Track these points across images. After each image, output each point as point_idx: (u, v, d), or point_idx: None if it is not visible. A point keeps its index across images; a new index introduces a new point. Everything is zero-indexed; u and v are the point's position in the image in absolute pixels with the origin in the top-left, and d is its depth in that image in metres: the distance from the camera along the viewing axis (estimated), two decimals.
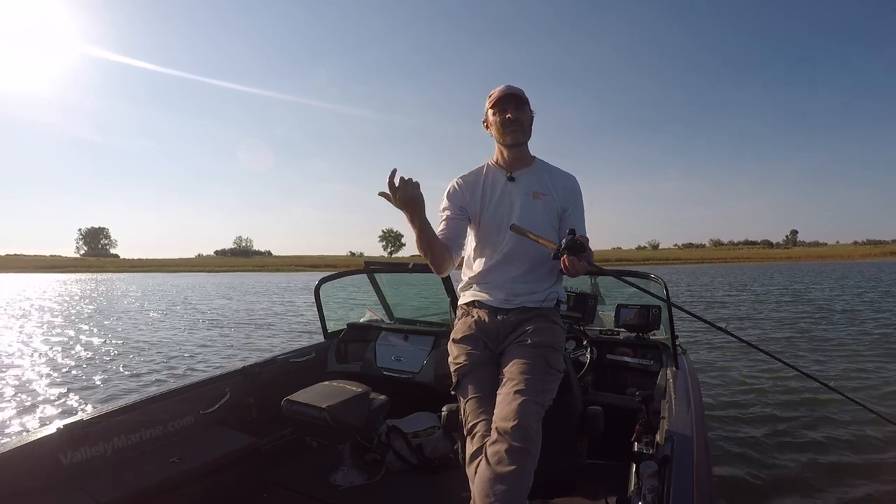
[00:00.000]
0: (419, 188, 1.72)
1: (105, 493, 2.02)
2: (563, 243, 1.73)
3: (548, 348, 1.85)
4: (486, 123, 2.06)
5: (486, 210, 2.03)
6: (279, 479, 2.65)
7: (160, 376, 6.88)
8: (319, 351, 3.45)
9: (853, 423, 4.33)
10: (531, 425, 1.61)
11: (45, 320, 14.10)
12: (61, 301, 21.26)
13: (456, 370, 1.92)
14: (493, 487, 1.50)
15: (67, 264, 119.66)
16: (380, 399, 2.67)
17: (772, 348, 7.95)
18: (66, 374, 7.05)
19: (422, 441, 2.78)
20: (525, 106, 2.00)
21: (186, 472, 2.24)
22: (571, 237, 1.72)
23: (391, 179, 1.68)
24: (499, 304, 1.96)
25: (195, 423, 2.64)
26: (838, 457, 3.75)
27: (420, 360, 3.07)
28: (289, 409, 2.55)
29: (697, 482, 1.57)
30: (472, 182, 2.07)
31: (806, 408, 4.82)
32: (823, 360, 7.16)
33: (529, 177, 2.03)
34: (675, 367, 2.69)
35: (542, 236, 1.83)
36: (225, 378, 2.89)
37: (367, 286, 4.00)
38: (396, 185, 1.69)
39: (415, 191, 1.71)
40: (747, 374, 6.12)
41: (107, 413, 2.35)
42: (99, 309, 17.46)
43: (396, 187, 1.69)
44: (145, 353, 8.53)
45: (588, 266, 1.75)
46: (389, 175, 1.68)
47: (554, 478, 2.00)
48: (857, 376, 6.13)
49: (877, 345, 8.04)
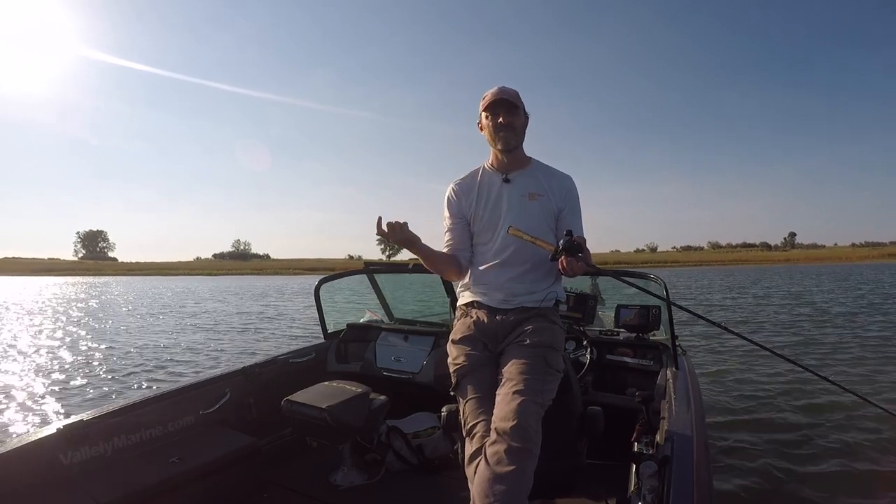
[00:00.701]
0: (407, 227, 1.88)
1: (105, 493, 2.01)
2: (561, 244, 1.75)
3: (547, 348, 1.85)
4: (480, 125, 2.07)
5: (482, 213, 2.04)
6: (279, 479, 2.65)
7: (139, 380, 6.84)
8: (319, 351, 3.45)
9: (854, 424, 4.33)
10: (530, 425, 1.61)
11: (34, 324, 14.01)
12: (53, 306, 21.10)
13: (455, 371, 1.92)
14: (492, 488, 1.50)
15: (65, 267, 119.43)
16: (380, 399, 2.67)
17: (772, 344, 7.94)
18: (45, 379, 6.99)
19: (422, 441, 2.78)
20: (518, 110, 2.00)
21: (186, 472, 2.24)
22: (569, 238, 1.74)
23: (379, 227, 1.84)
24: (497, 304, 1.97)
25: (195, 423, 2.63)
26: (838, 457, 3.75)
27: (420, 360, 3.08)
28: (289, 409, 2.55)
29: (697, 482, 1.57)
30: (467, 186, 2.10)
31: (806, 408, 4.83)
32: (822, 360, 7.15)
33: (525, 178, 2.04)
34: (674, 368, 2.69)
35: (539, 238, 1.84)
36: (225, 378, 2.89)
37: (364, 287, 4.00)
38: (385, 230, 1.85)
39: (404, 233, 1.87)
40: (747, 375, 6.13)
41: (107, 413, 2.35)
42: (90, 313, 17.35)
43: (387, 233, 1.85)
44: (129, 360, 8.37)
45: (586, 267, 1.77)
46: (377, 223, 1.84)
47: (554, 478, 2.01)
48: (860, 377, 6.11)
49: (880, 348, 7.95)
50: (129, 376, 7.06)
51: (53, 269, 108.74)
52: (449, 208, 2.11)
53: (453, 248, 2.07)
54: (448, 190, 2.14)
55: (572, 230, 1.90)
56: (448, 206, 2.11)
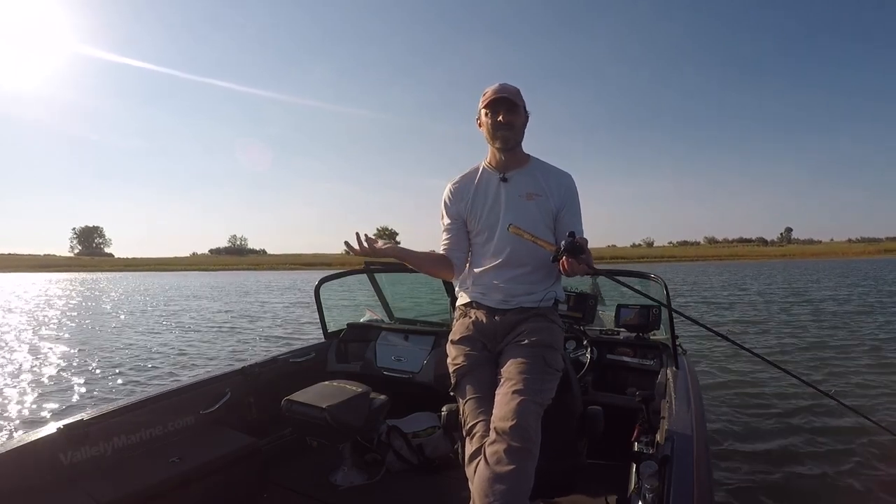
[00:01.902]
0: (374, 242, 1.92)
1: (105, 493, 2.01)
2: (563, 245, 1.73)
3: (546, 348, 1.85)
4: (479, 122, 2.04)
5: (480, 212, 2.03)
6: (279, 479, 2.66)
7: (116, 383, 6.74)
8: (319, 351, 3.44)
9: (854, 425, 4.32)
10: (530, 425, 1.61)
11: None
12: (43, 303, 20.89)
13: (454, 371, 1.92)
14: (492, 487, 1.50)
15: (61, 263, 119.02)
16: (380, 399, 2.67)
17: (771, 348, 7.95)
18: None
19: (422, 441, 2.79)
20: (518, 108, 1.97)
21: (186, 472, 2.24)
22: (571, 239, 1.72)
23: (351, 249, 1.88)
24: (496, 304, 1.97)
25: (195, 423, 2.63)
26: (838, 458, 3.76)
27: (420, 359, 3.08)
28: (289, 409, 2.55)
29: (697, 482, 1.57)
30: (465, 185, 2.08)
31: (806, 409, 4.82)
32: (824, 361, 7.09)
33: (523, 177, 2.01)
34: (675, 367, 2.69)
35: (539, 237, 1.83)
36: (225, 378, 2.89)
37: (360, 287, 3.99)
38: (358, 250, 1.89)
39: (375, 250, 1.92)
40: (748, 375, 6.12)
41: (107, 413, 2.35)
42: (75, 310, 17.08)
43: (359, 252, 1.89)
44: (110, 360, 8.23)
45: (587, 269, 1.76)
46: (346, 248, 1.90)
47: (554, 478, 2.01)
48: (859, 378, 6.09)
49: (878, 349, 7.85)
50: (104, 380, 6.88)
51: (49, 266, 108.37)
52: (446, 208, 2.10)
53: (449, 250, 2.08)
54: (446, 189, 2.12)
55: (574, 231, 1.91)
56: (445, 205, 2.10)
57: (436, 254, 2.09)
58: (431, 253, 2.10)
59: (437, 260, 2.08)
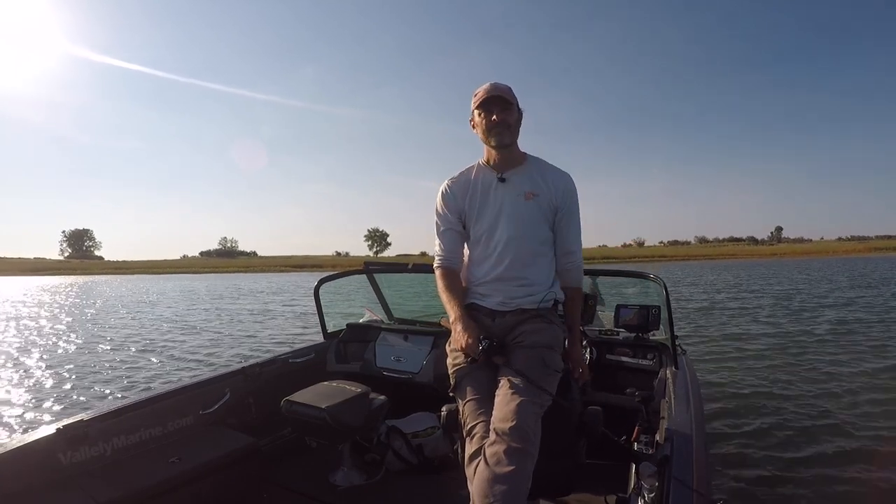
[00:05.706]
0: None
1: (105, 493, 2.01)
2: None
3: (545, 349, 1.85)
4: (472, 123, 2.02)
5: (478, 213, 2.01)
6: (279, 479, 2.66)
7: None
8: (319, 351, 3.45)
9: (855, 426, 4.38)
10: (529, 425, 1.62)
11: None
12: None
13: (454, 372, 1.92)
14: (491, 488, 1.51)
15: (51, 267, 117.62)
16: (380, 399, 2.68)
17: (769, 349, 7.95)
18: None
19: (421, 441, 2.80)
20: (511, 106, 1.95)
21: (186, 472, 2.24)
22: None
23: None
24: (495, 306, 1.96)
25: (195, 424, 2.63)
26: (838, 458, 3.78)
27: (420, 360, 3.08)
28: (289, 409, 2.55)
29: (697, 482, 1.58)
30: (462, 185, 2.04)
31: (807, 409, 4.85)
32: (827, 363, 7.01)
33: (521, 177, 1.99)
34: (674, 367, 2.71)
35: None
36: (225, 378, 2.89)
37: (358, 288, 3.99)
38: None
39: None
40: (748, 375, 6.14)
41: (106, 413, 2.34)
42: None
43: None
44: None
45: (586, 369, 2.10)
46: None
47: (553, 478, 2.01)
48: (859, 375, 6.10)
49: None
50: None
51: (39, 269, 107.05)
52: (444, 207, 2.05)
53: (445, 260, 2.03)
54: (442, 187, 2.08)
55: (566, 237, 1.96)
56: (442, 205, 2.06)
57: (459, 284, 2.02)
58: (458, 285, 2.02)
59: (455, 282, 2.02)
